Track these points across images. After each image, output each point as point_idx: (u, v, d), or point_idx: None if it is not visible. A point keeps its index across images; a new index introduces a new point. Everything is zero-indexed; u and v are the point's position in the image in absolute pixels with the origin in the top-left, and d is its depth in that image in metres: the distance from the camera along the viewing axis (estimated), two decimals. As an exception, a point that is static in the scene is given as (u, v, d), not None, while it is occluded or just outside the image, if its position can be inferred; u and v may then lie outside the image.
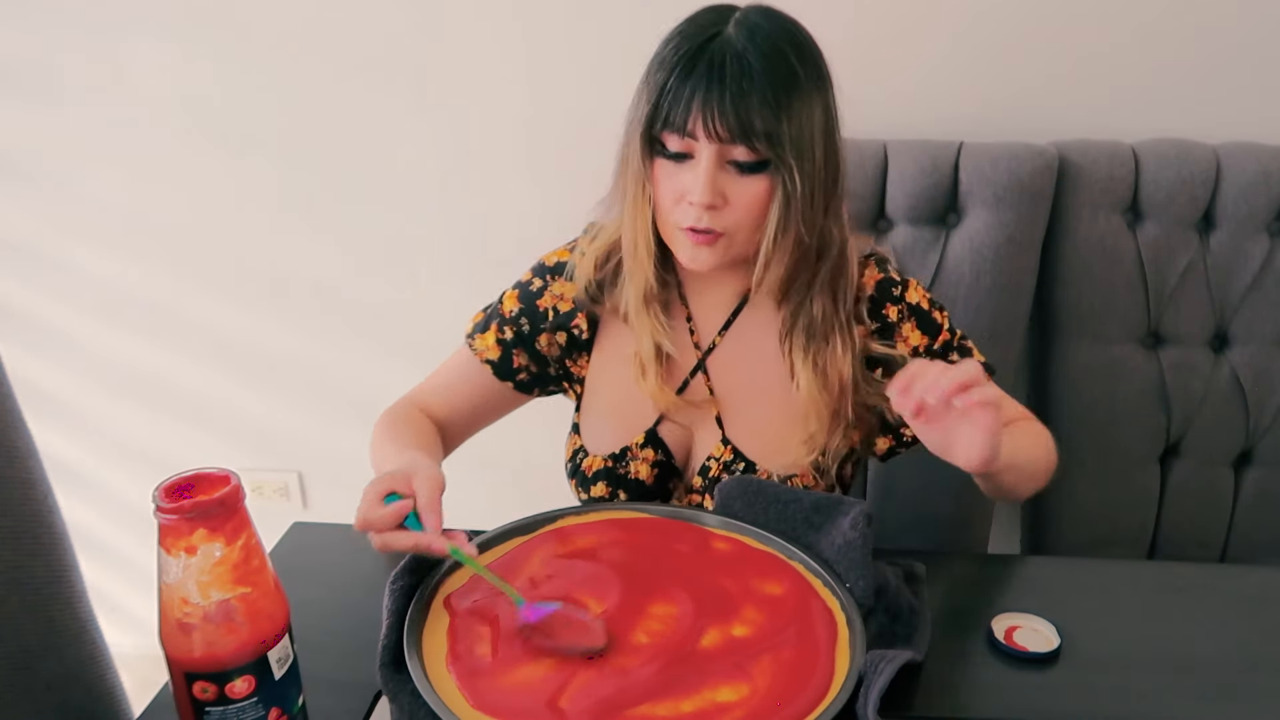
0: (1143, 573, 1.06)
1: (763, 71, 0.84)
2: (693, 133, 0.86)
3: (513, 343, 1.06)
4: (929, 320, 1.01)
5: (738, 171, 0.87)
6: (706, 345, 1.02)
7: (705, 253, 0.91)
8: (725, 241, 0.90)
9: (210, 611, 0.62)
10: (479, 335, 1.09)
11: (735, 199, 0.88)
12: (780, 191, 0.87)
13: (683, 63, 0.86)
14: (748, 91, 0.84)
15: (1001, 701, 0.78)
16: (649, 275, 0.96)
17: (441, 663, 0.72)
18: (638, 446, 1.02)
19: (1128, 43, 1.36)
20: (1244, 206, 1.30)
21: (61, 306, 1.70)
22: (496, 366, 1.07)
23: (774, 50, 0.86)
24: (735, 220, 0.89)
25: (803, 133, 0.86)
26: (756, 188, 0.88)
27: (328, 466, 1.80)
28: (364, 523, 0.78)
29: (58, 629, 0.82)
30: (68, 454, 1.81)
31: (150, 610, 0.64)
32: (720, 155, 0.87)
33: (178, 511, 0.61)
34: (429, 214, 1.58)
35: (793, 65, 0.86)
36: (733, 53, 0.85)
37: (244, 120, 1.54)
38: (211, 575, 0.62)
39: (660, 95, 0.87)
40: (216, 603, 0.62)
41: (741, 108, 0.84)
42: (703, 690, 0.69)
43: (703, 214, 0.88)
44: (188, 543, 0.61)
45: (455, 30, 1.45)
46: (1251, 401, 1.36)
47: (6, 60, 1.53)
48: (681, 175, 0.89)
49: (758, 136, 0.84)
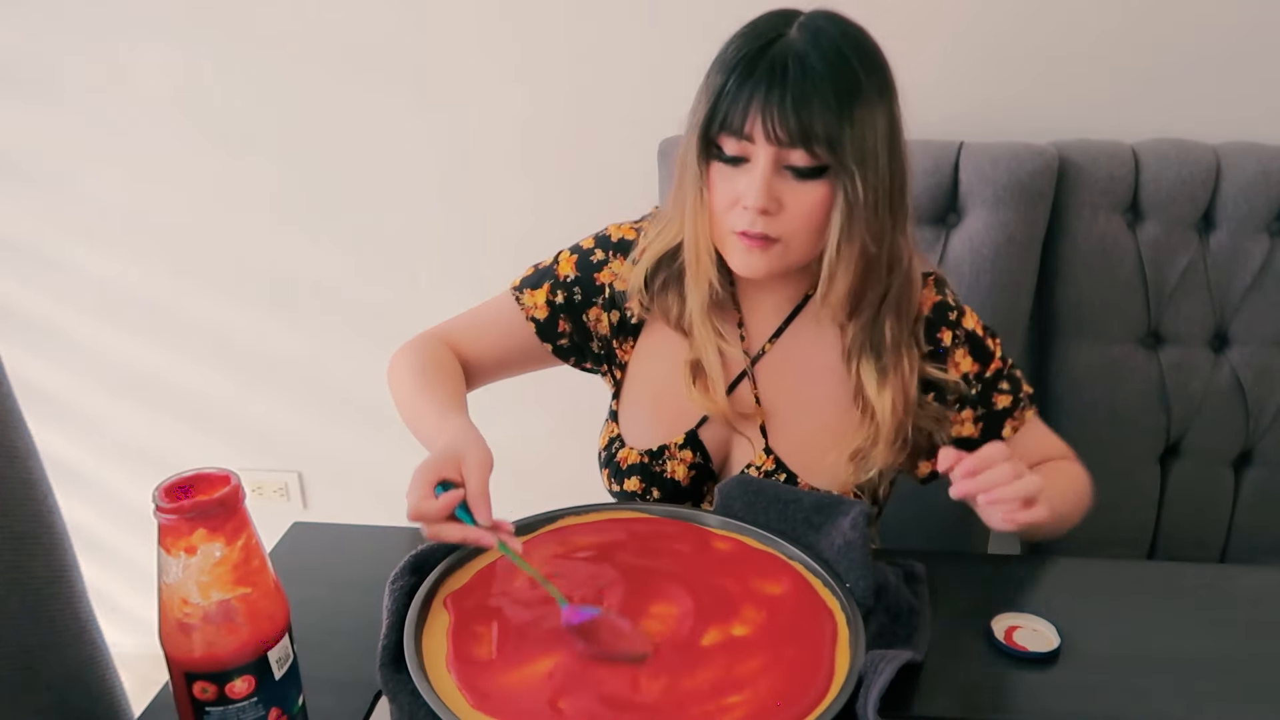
0: (1143, 573, 1.06)
1: (825, 75, 0.82)
2: (750, 135, 0.84)
3: (562, 307, 1.03)
4: (982, 347, 1.00)
5: (795, 177, 0.85)
6: (756, 351, 1.00)
7: (758, 258, 0.89)
8: (780, 249, 0.88)
9: (210, 611, 0.62)
10: (529, 291, 1.04)
11: (791, 205, 0.86)
12: (842, 199, 0.85)
13: (742, 64, 0.84)
14: (809, 94, 0.81)
15: (1001, 701, 0.78)
16: (713, 283, 0.94)
17: (441, 663, 0.72)
18: (676, 446, 1.00)
19: (1128, 43, 1.36)
20: (1244, 206, 1.30)
21: (61, 306, 1.70)
22: (541, 326, 1.04)
23: (838, 55, 0.83)
24: (790, 227, 0.87)
25: (865, 140, 0.84)
26: (814, 195, 0.86)
27: (328, 466, 1.80)
28: (417, 514, 0.76)
29: (58, 629, 0.82)
30: (68, 454, 1.81)
31: (150, 610, 0.64)
32: (777, 160, 0.85)
33: (178, 511, 0.61)
34: (429, 214, 1.58)
35: (856, 71, 0.84)
36: (795, 55, 0.83)
37: (244, 121, 1.54)
38: (211, 575, 0.62)
39: (718, 98, 0.85)
40: (216, 603, 0.62)
41: (803, 110, 0.81)
42: (703, 690, 0.70)
43: (756, 218, 0.86)
44: (188, 543, 0.61)
45: (455, 31, 1.45)
46: (1251, 401, 1.36)
47: (6, 60, 1.53)
48: (737, 179, 0.87)
49: (818, 141, 0.82)
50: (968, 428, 1.00)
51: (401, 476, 0.85)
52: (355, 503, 1.81)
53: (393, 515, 1.16)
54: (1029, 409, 1.02)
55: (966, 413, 0.99)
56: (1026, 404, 1.02)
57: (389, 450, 1.75)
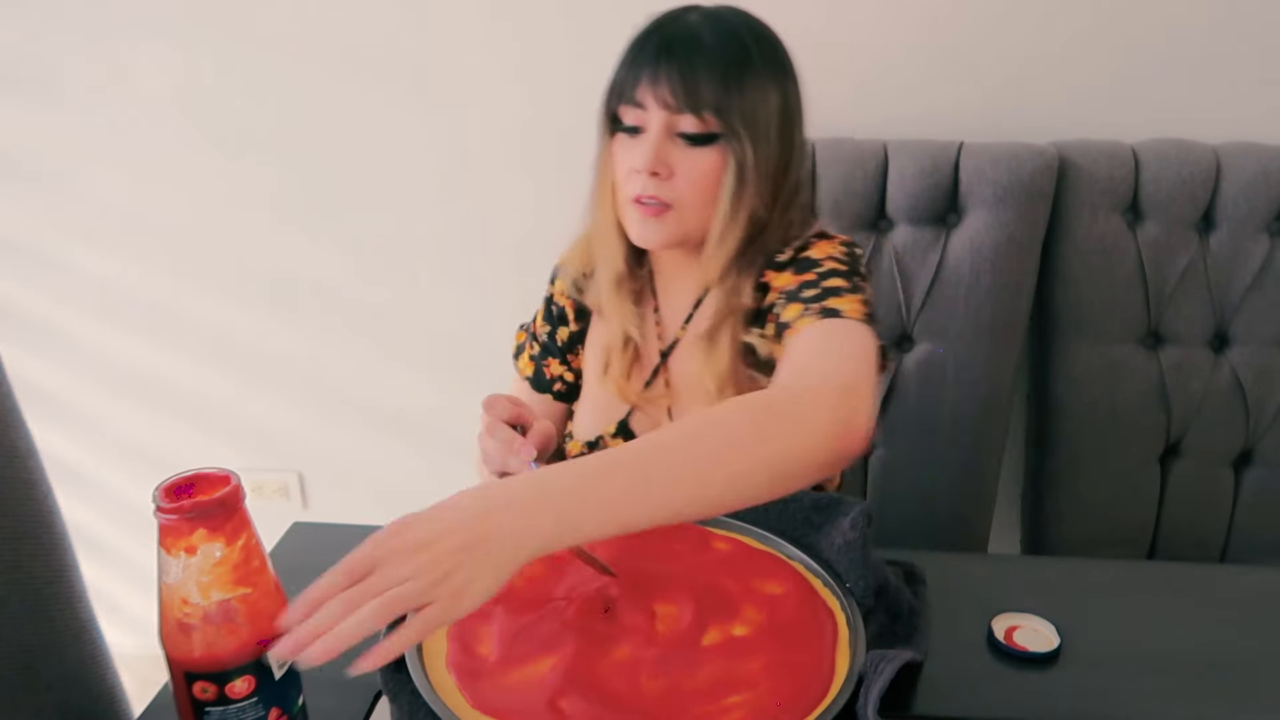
0: (1143, 573, 1.06)
1: (713, 46, 0.87)
2: (641, 102, 0.89)
3: (541, 356, 1.11)
4: (806, 262, 0.91)
5: (687, 144, 0.89)
6: (670, 339, 1.03)
7: (653, 226, 0.92)
8: (674, 216, 0.91)
9: (210, 612, 0.62)
10: (518, 358, 1.14)
11: (682, 170, 0.89)
12: (733, 164, 0.89)
13: (640, 40, 0.90)
14: (695, 62, 0.86)
15: (1001, 701, 0.78)
16: (618, 258, 0.98)
17: (441, 663, 0.72)
18: (609, 436, 1.04)
19: (1128, 43, 1.36)
20: (1244, 206, 1.30)
21: (61, 306, 1.70)
22: (533, 380, 1.12)
23: (729, 32, 0.89)
24: (681, 193, 0.90)
25: (756, 112, 0.88)
26: (705, 161, 0.89)
27: (328, 466, 1.80)
28: (489, 401, 0.87)
29: (58, 629, 0.82)
30: (68, 454, 1.81)
31: (150, 610, 0.64)
32: (668, 125, 0.89)
33: (178, 511, 0.61)
34: (428, 214, 1.58)
35: (747, 46, 0.89)
36: (687, 29, 0.88)
37: (244, 121, 1.54)
38: (212, 575, 0.62)
39: (617, 73, 0.91)
40: (217, 603, 0.62)
41: (689, 76, 0.86)
42: (703, 690, 0.70)
43: (648, 181, 0.89)
44: (188, 543, 0.61)
45: (454, 31, 1.45)
46: (1251, 401, 1.36)
47: (6, 60, 1.53)
48: (635, 148, 0.91)
49: (705, 106, 0.87)
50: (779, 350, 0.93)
51: (401, 477, 0.85)
52: (355, 503, 1.81)
53: (393, 515, 1.16)
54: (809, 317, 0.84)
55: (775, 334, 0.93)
56: (814, 313, 0.84)
57: (389, 450, 1.75)
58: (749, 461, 0.65)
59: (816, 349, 0.80)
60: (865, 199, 1.32)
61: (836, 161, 1.32)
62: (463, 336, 1.65)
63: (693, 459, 0.64)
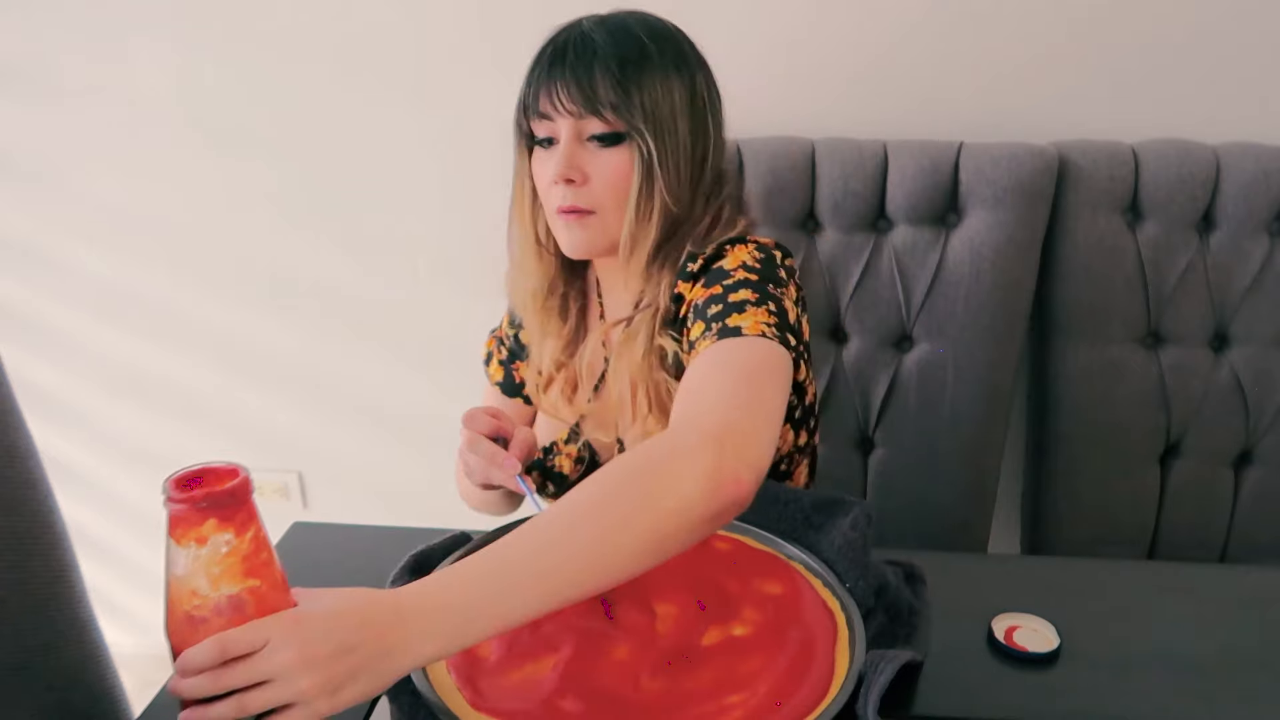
0: (1143, 573, 1.06)
1: (606, 45, 0.87)
2: (546, 113, 0.89)
3: (509, 360, 1.11)
4: (718, 274, 0.88)
5: (598, 146, 0.89)
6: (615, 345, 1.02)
7: (578, 233, 0.92)
8: (596, 221, 0.91)
9: (220, 604, 0.62)
10: (488, 364, 1.15)
11: (596, 174, 0.90)
12: (639, 160, 0.88)
13: (539, 56, 0.91)
14: (590, 64, 0.87)
15: (1001, 701, 0.78)
16: (537, 274, 0.99)
17: (441, 663, 0.72)
18: (562, 442, 1.05)
19: (1128, 43, 1.36)
20: (1244, 206, 1.30)
21: (61, 306, 1.70)
22: (503, 385, 1.13)
23: (621, 30, 0.89)
24: (599, 197, 0.90)
25: (659, 106, 0.88)
26: (615, 160, 0.89)
27: (328, 466, 1.80)
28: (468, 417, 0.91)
29: (58, 629, 0.82)
30: (68, 454, 1.81)
31: (150, 610, 0.64)
32: (576, 131, 0.89)
33: (189, 501, 0.60)
34: (428, 214, 1.58)
35: (642, 42, 0.88)
36: (581, 36, 0.89)
37: (243, 120, 1.54)
38: (222, 567, 0.61)
39: (524, 89, 0.92)
40: (226, 595, 0.62)
41: (585, 79, 0.87)
42: (703, 690, 0.69)
43: (566, 191, 0.90)
44: (198, 533, 0.61)
45: (454, 31, 1.45)
46: (1251, 401, 1.36)
47: (6, 60, 1.53)
48: (549, 160, 0.91)
49: (603, 105, 0.87)
50: None
51: (401, 477, 0.86)
52: (355, 503, 1.81)
53: (393, 515, 1.16)
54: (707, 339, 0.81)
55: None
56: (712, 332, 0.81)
57: (389, 450, 1.75)
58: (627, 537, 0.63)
59: (703, 381, 0.76)
60: (865, 199, 1.32)
61: (836, 161, 1.31)
62: (462, 336, 1.65)
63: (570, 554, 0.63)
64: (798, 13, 1.38)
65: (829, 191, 1.32)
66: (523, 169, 0.95)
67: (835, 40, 1.40)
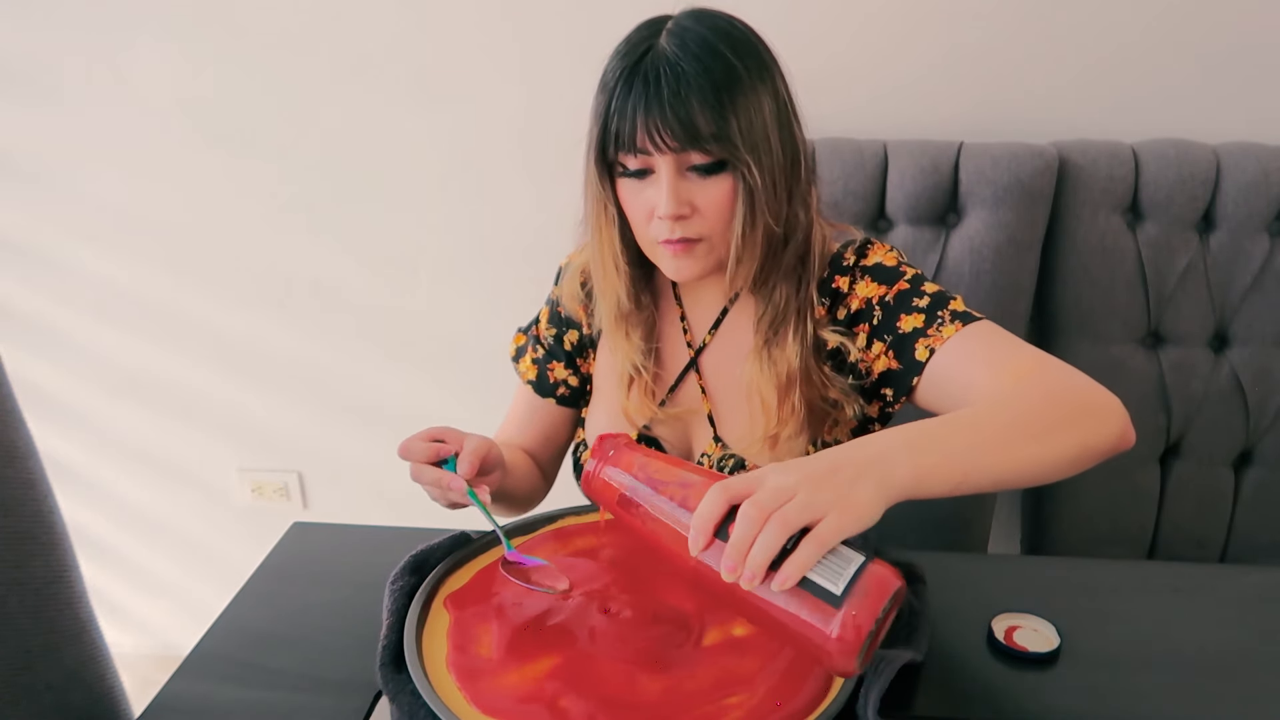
0: (1143, 573, 1.06)
1: (697, 74, 0.83)
2: (644, 148, 0.86)
3: (545, 359, 1.10)
4: (886, 272, 0.95)
5: (700, 176, 0.87)
6: (699, 344, 1.03)
7: (686, 262, 0.91)
8: (704, 247, 0.90)
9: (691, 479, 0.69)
10: (519, 360, 1.12)
11: (703, 204, 0.88)
12: (742, 187, 0.87)
13: (620, 82, 0.86)
14: (686, 97, 0.83)
15: (1001, 701, 0.78)
16: (620, 294, 0.97)
17: (441, 663, 0.72)
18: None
19: (1128, 43, 1.36)
20: (1244, 206, 1.30)
21: (61, 306, 1.70)
22: (536, 385, 1.11)
23: (706, 51, 0.85)
24: (708, 225, 0.89)
25: (754, 126, 0.86)
26: (721, 188, 0.88)
27: (328, 466, 1.80)
28: (404, 449, 0.89)
29: (58, 629, 0.82)
30: (68, 454, 1.81)
31: (150, 610, 0.64)
32: (678, 164, 0.86)
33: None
34: (429, 214, 1.58)
35: (729, 61, 0.85)
36: (665, 62, 0.84)
37: (244, 121, 1.54)
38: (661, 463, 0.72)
39: (606, 118, 0.87)
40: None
41: (683, 114, 0.83)
42: (703, 690, 0.69)
43: (674, 226, 0.88)
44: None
45: (454, 31, 1.45)
46: (1251, 401, 1.36)
47: (6, 60, 1.53)
48: (647, 191, 0.89)
49: (705, 139, 0.84)
50: (882, 361, 0.95)
51: (401, 477, 0.86)
52: (355, 503, 1.81)
53: (393, 515, 1.16)
54: (949, 325, 0.89)
55: (877, 346, 0.94)
56: (945, 321, 0.90)
57: (389, 450, 1.74)
58: (1059, 444, 0.76)
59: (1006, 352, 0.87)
60: (865, 199, 1.32)
61: (836, 161, 1.32)
62: (463, 336, 1.65)
63: (1019, 435, 0.74)
64: (797, 13, 1.38)
65: (829, 191, 1.32)
66: (603, 195, 0.92)
67: (835, 40, 1.40)
